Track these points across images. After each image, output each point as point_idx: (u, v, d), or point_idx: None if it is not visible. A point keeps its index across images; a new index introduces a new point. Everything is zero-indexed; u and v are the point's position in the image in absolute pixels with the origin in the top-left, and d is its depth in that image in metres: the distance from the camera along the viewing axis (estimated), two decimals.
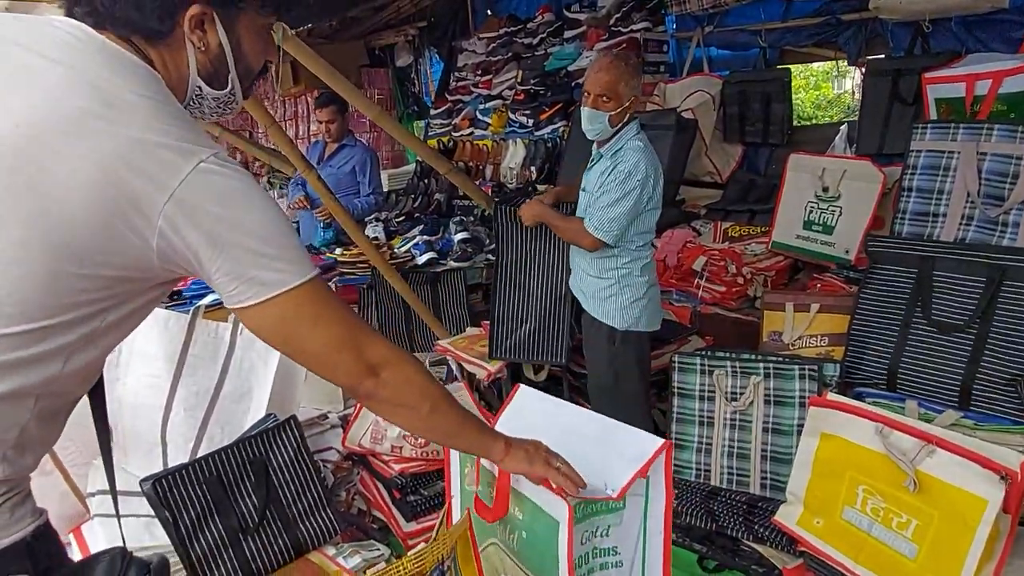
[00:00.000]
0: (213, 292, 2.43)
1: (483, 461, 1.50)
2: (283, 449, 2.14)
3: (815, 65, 6.85)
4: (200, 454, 1.95)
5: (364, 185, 3.96)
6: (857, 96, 3.48)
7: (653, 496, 1.42)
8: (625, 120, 2.42)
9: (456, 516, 1.71)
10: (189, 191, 0.84)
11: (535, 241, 2.72)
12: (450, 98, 5.13)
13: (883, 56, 3.19)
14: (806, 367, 2.20)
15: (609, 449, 1.43)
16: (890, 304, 2.14)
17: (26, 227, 0.80)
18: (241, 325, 2.24)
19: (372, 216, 4.01)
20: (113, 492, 1.01)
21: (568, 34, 4.33)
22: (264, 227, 0.89)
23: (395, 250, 3.68)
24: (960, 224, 2.34)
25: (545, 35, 4.44)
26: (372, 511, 2.53)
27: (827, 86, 9.91)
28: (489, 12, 5.19)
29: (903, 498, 1.70)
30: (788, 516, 1.96)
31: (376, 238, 3.75)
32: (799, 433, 2.06)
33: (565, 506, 1.28)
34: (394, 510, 2.48)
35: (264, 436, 2.00)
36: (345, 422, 2.61)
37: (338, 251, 3.55)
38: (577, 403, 2.93)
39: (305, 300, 0.93)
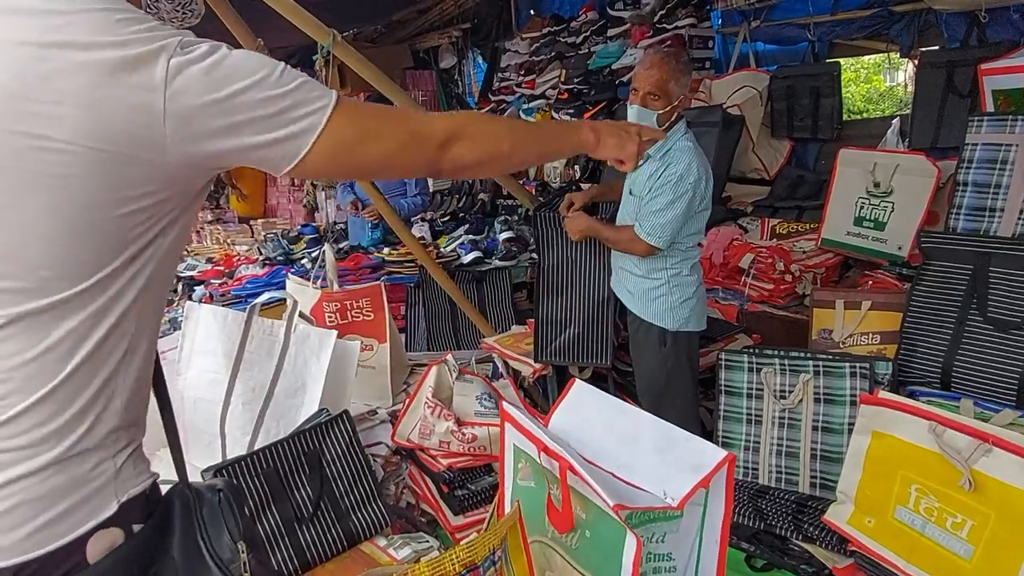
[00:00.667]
0: (268, 291, 2.53)
1: (541, 459, 1.51)
2: (336, 442, 2.21)
3: (866, 58, 6.67)
4: (257, 446, 2.02)
5: (411, 186, 4.03)
6: (910, 89, 3.39)
7: (712, 507, 1.41)
8: (673, 119, 2.39)
9: (507, 508, 1.74)
10: (176, 101, 0.81)
11: (575, 246, 2.73)
12: (493, 98, 5.17)
13: (937, 48, 3.11)
14: (857, 365, 2.17)
15: (669, 456, 1.42)
16: (944, 301, 2.10)
17: (48, 192, 0.79)
18: (296, 323, 2.31)
19: (418, 216, 4.07)
20: (183, 478, 1.07)
21: (611, 32, 4.33)
22: (265, 86, 0.86)
23: (441, 249, 3.74)
24: (1019, 219, 2.29)
25: (588, 34, 4.45)
26: (421, 504, 2.58)
27: (878, 79, 9.65)
28: (532, 12, 5.21)
29: (958, 498, 1.67)
30: (838, 515, 1.94)
31: (422, 238, 3.81)
32: (849, 432, 2.04)
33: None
34: (442, 504, 2.53)
35: (318, 430, 2.06)
36: (394, 417, 2.66)
37: (386, 250, 3.62)
38: (623, 401, 2.95)
39: (345, 125, 0.92)
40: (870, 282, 2.72)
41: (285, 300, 2.46)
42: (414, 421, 2.64)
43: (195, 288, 3.62)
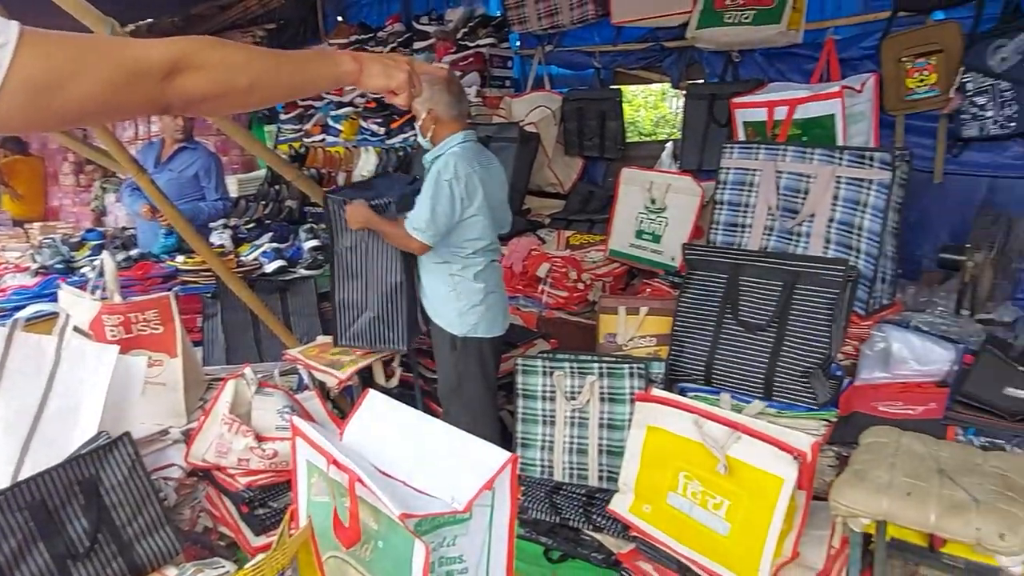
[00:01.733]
0: (34, 303, 2.27)
1: (331, 472, 1.52)
2: (116, 468, 2.04)
3: (653, 87, 7.34)
4: (23, 477, 1.82)
5: (210, 190, 3.81)
6: (680, 117, 3.80)
7: (498, 507, 1.49)
8: (434, 131, 2.61)
9: (302, 522, 1.71)
10: None
11: (367, 233, 2.79)
12: (301, 103, 5.03)
13: (701, 81, 3.52)
14: (635, 366, 2.39)
15: (458, 461, 1.49)
16: (705, 306, 2.38)
17: None
18: (68, 338, 2.11)
19: (219, 223, 3.85)
20: None
21: (417, 45, 4.40)
22: None
23: (242, 258, 3.57)
24: (763, 234, 2.65)
25: (395, 44, 4.48)
26: (219, 527, 2.46)
27: (664, 106, 10.68)
28: (340, 19, 5.15)
29: (717, 481, 1.91)
30: (621, 504, 2.12)
31: (222, 245, 3.61)
32: (630, 427, 2.25)
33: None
34: (242, 525, 2.43)
35: (95, 455, 1.89)
36: (188, 437, 2.51)
37: (180, 259, 3.39)
38: (429, 407, 3.01)
39: (37, 63, 0.78)
40: (648, 289, 3.01)
41: (56, 313, 2.23)
42: (210, 439, 2.51)
43: None
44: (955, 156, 2.86)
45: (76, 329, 2.18)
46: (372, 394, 1.78)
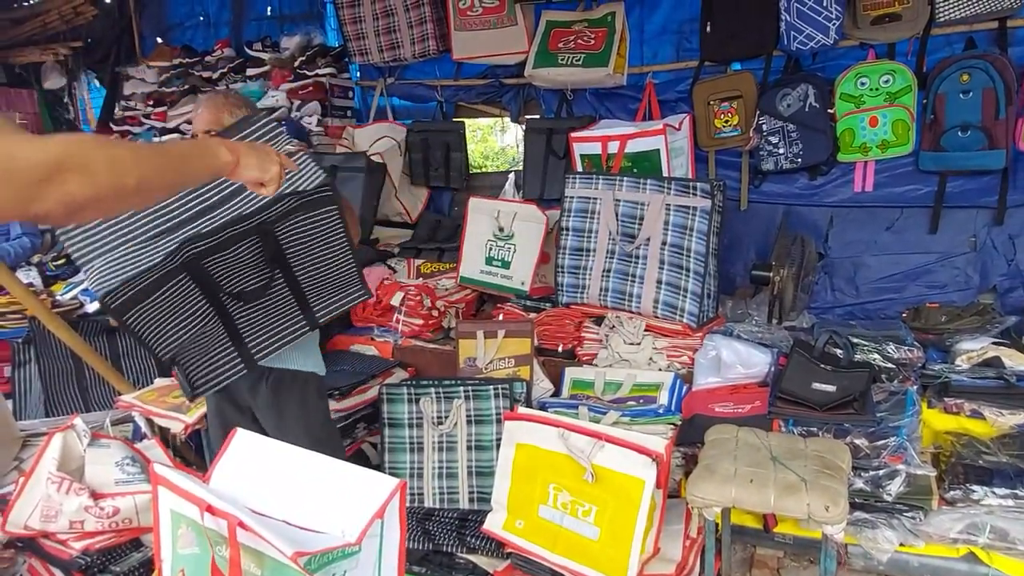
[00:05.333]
0: None
1: (206, 520, 1.44)
2: None
3: (482, 121, 7.59)
4: None
5: (15, 226, 3.42)
6: (521, 149, 4.01)
7: (387, 535, 1.48)
8: None
9: None
10: None
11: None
12: (116, 128, 4.65)
13: (538, 116, 3.75)
14: (499, 387, 2.49)
15: (342, 492, 1.47)
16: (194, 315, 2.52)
17: None
18: None
19: (23, 261, 3.46)
20: None
21: (251, 72, 4.26)
22: None
23: (57, 297, 3.24)
24: (606, 257, 2.87)
25: (226, 70, 4.31)
26: None
27: (493, 139, 11.13)
28: (159, 40, 4.84)
29: (584, 489, 2.04)
30: (494, 523, 2.20)
31: (31, 284, 3.25)
32: (498, 447, 2.33)
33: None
34: None
35: None
36: (4, 503, 2.25)
37: None
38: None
39: None
40: (501, 314, 3.13)
41: None
42: (33, 502, 2.27)
43: None
44: (756, 187, 3.29)
45: None
46: (241, 433, 1.71)
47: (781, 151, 3.10)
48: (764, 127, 3.10)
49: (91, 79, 5.30)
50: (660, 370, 2.71)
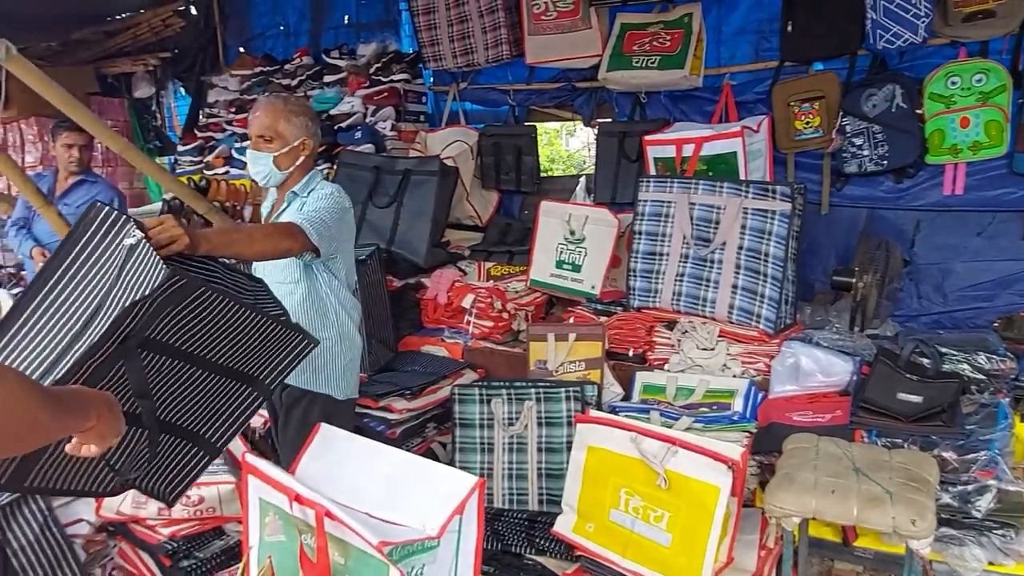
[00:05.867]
0: None
1: (293, 509, 1.49)
2: (26, 526, 1.90)
3: (548, 125, 7.61)
4: None
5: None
6: (591, 152, 4.00)
7: (465, 532, 1.52)
8: (300, 164, 2.25)
9: (254, 569, 1.67)
10: None
11: None
12: (200, 134, 4.86)
13: (610, 120, 3.74)
14: (571, 389, 2.49)
15: (422, 489, 1.50)
16: None
17: None
18: None
19: None
20: None
21: (328, 79, 4.39)
22: None
23: None
24: (680, 261, 2.83)
25: (304, 77, 4.45)
26: None
27: (559, 143, 11.16)
28: (242, 49, 5.05)
29: (657, 495, 2.01)
30: (564, 525, 2.19)
31: None
32: (569, 449, 2.33)
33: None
34: None
35: (1, 513, 1.76)
36: None
37: None
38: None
39: None
40: (572, 317, 3.13)
41: None
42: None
43: None
44: (838, 190, 3.19)
45: None
46: (325, 428, 1.77)
47: (865, 153, 3.00)
48: (848, 128, 3.01)
49: (177, 88, 5.55)
50: (734, 376, 2.66)
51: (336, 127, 4.16)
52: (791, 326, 2.76)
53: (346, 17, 4.69)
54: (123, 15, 5.17)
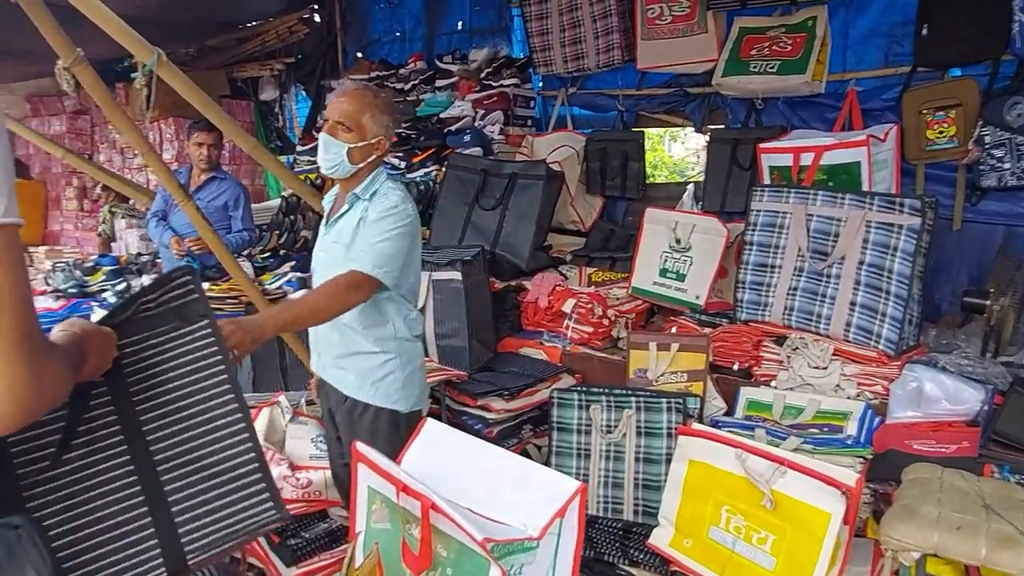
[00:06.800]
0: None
1: (400, 499, 1.52)
2: None
3: (652, 130, 7.51)
4: None
5: (236, 220, 3.84)
6: (701, 159, 3.90)
7: (565, 536, 1.50)
8: (371, 161, 2.14)
9: (360, 554, 1.71)
10: None
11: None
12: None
13: (723, 126, 3.63)
14: (672, 400, 2.43)
15: (525, 489, 1.50)
16: None
17: None
18: None
19: (238, 252, 3.88)
20: None
21: (440, 83, 4.50)
22: None
23: (266, 286, 3.59)
24: (793, 275, 2.71)
25: (417, 82, 4.58)
26: (247, 558, 2.44)
27: (661, 149, 10.97)
28: (360, 55, 5.25)
29: (761, 515, 1.93)
30: (661, 538, 2.14)
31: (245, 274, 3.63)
32: (668, 461, 2.27)
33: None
34: (272, 556, 2.41)
35: None
36: None
37: (206, 285, 3.41)
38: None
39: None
40: (675, 327, 3.05)
41: None
42: None
43: None
44: (973, 204, 2.96)
45: None
46: (431, 423, 1.80)
47: (1007, 166, 2.77)
48: (987, 139, 2.79)
49: (299, 91, 5.84)
50: (848, 398, 2.51)
51: (446, 130, 4.26)
52: (914, 348, 2.58)
53: (459, 23, 4.80)
54: (254, 23, 5.50)
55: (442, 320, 3.14)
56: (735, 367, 2.82)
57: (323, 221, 2.31)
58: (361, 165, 2.11)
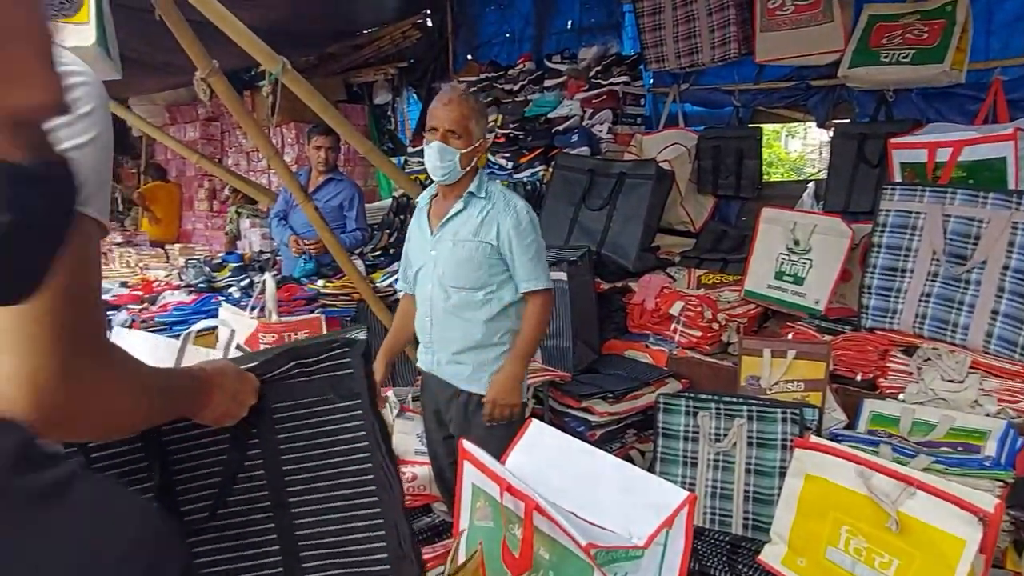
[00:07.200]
0: (199, 319, 2.42)
1: (504, 499, 1.52)
2: None
3: (768, 126, 7.21)
4: None
5: (351, 220, 3.99)
6: (814, 156, 3.69)
7: (671, 546, 1.43)
8: (475, 164, 2.24)
9: (464, 552, 1.72)
10: None
11: None
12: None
13: (849, 121, 3.42)
14: (788, 411, 2.30)
15: (630, 497, 1.46)
16: None
17: None
18: (232, 351, 2.23)
19: (351, 251, 4.02)
20: None
21: (548, 83, 4.48)
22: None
23: (377, 284, 3.71)
24: (926, 280, 2.51)
25: (526, 82, 4.59)
26: None
27: (778, 145, 10.44)
28: (470, 57, 5.33)
29: (885, 538, 1.79)
30: (772, 556, 2.02)
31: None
32: (781, 475, 2.15)
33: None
34: None
35: None
36: None
37: (320, 283, 3.56)
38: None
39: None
40: (791, 333, 2.90)
41: (217, 328, 2.37)
42: None
43: (112, 313, 3.41)
44: None
45: (237, 346, 2.30)
46: (536, 424, 1.78)
47: None
48: None
49: (411, 94, 6.00)
50: (987, 415, 2.29)
51: (553, 130, 4.24)
52: None
53: (569, 22, 4.77)
54: (370, 29, 5.70)
55: None
56: (858, 378, 2.64)
57: (419, 223, 2.39)
58: (467, 169, 2.21)
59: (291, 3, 4.11)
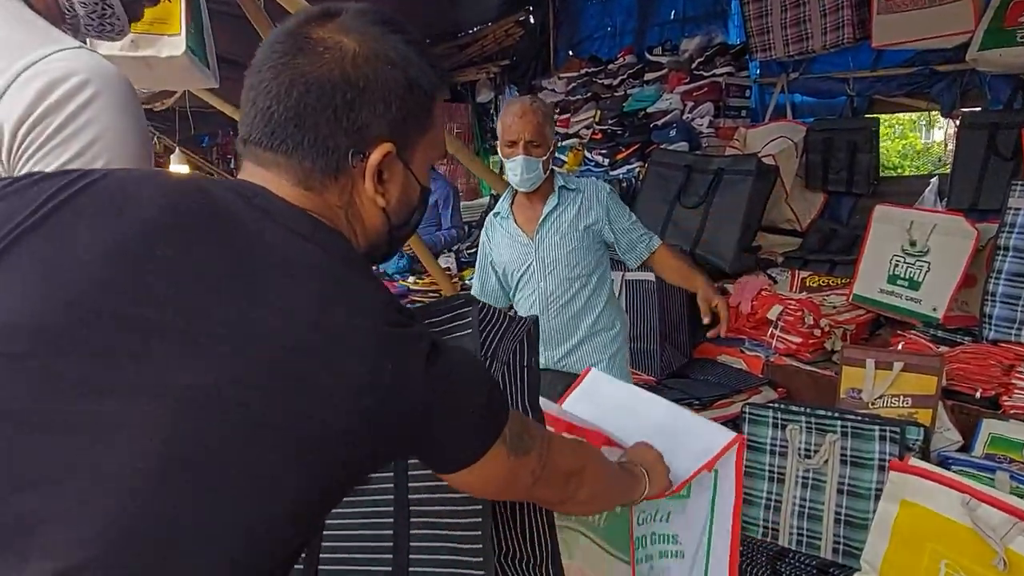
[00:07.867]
0: None
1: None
2: None
3: (903, 115, 6.63)
4: None
5: (445, 218, 4.05)
6: (950, 148, 3.35)
7: (722, 492, 1.37)
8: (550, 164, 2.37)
9: None
10: None
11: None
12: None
13: (979, 109, 3.08)
14: (887, 428, 2.10)
15: (678, 439, 1.38)
16: None
17: None
18: None
19: (451, 248, 4.08)
20: None
21: (648, 76, 4.34)
22: None
23: (466, 281, 3.74)
24: None
25: (625, 76, 4.47)
26: None
27: (915, 136, 9.61)
28: (571, 53, 5.26)
29: None
30: None
31: (448, 268, 3.80)
32: (877, 498, 1.97)
33: None
34: None
35: None
36: None
37: (411, 279, 3.63)
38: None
39: None
40: (902, 342, 2.65)
41: None
42: None
43: None
44: None
45: None
46: (594, 372, 1.74)
47: None
48: None
49: (513, 92, 6.00)
50: None
51: (652, 125, 4.10)
52: None
53: (672, 12, 4.61)
54: (474, 29, 5.75)
55: (634, 322, 3.02)
56: (977, 394, 2.38)
57: (507, 232, 2.41)
58: (546, 173, 2.32)
59: (396, 8, 4.20)
